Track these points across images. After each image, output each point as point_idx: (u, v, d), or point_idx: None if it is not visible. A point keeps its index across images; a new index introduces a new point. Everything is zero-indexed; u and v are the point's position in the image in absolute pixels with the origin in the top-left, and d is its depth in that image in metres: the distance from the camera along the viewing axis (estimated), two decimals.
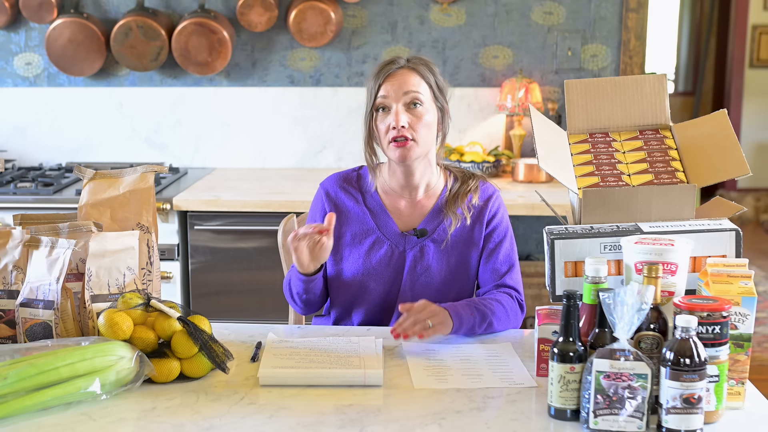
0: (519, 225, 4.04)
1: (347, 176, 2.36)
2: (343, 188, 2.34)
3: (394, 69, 2.23)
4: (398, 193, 2.32)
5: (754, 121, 7.55)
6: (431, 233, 2.29)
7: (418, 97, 2.21)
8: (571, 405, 1.67)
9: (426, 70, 2.25)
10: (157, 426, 1.67)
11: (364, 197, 2.33)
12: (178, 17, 3.99)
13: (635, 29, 3.91)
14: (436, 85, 2.26)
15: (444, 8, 3.95)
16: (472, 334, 2.13)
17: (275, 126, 4.07)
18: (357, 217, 2.31)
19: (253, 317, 3.46)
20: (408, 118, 2.20)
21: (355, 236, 2.31)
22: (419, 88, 2.22)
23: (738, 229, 1.85)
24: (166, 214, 3.44)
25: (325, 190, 2.35)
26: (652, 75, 2.17)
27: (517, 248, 2.35)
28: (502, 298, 2.21)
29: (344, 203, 2.33)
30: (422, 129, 2.21)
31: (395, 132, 2.20)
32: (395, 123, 2.19)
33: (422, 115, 2.22)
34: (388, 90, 2.21)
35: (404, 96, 2.21)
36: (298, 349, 1.98)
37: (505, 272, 2.28)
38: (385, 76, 2.22)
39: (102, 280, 1.94)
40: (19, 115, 4.09)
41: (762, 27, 7.46)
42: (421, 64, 2.25)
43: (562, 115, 3.90)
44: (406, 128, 2.20)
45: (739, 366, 1.71)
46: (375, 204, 2.32)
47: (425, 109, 2.22)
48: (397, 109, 2.20)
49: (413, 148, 2.21)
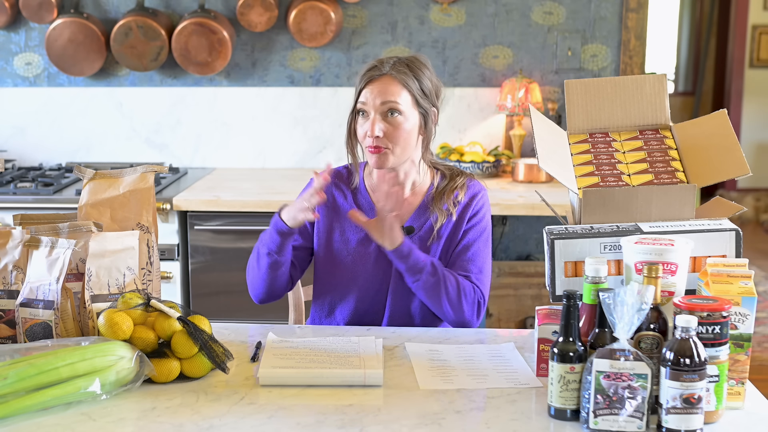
0: (519, 225, 4.05)
1: (338, 172, 2.39)
2: (334, 184, 2.36)
3: (376, 75, 2.24)
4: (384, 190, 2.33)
5: (754, 121, 7.55)
6: (418, 230, 2.30)
7: (395, 107, 2.22)
8: (571, 405, 1.67)
9: (409, 77, 2.24)
10: (157, 426, 1.67)
11: (354, 194, 2.35)
12: (178, 17, 3.99)
13: (635, 29, 3.91)
14: (419, 91, 2.25)
15: (444, 8, 3.95)
16: (414, 275, 2.18)
17: (275, 126, 4.07)
18: (346, 213, 2.31)
19: (253, 317, 3.46)
20: (384, 126, 2.22)
21: (344, 232, 2.32)
22: (398, 98, 2.22)
23: (738, 229, 1.85)
24: (166, 214, 3.45)
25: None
26: (652, 75, 2.17)
27: (491, 253, 2.35)
28: (464, 282, 2.23)
29: (334, 199, 2.35)
30: (399, 137, 2.23)
31: (370, 140, 2.23)
32: (370, 132, 2.22)
33: (400, 123, 2.23)
34: (367, 97, 2.24)
35: (381, 106, 2.22)
36: (298, 349, 1.98)
37: (473, 271, 2.27)
38: (366, 81, 2.24)
39: (102, 280, 1.94)
40: (19, 115, 4.09)
41: (762, 27, 7.46)
42: (405, 71, 2.24)
43: (562, 115, 3.90)
44: (381, 138, 2.22)
45: (739, 366, 1.71)
46: (364, 201, 2.34)
47: (404, 117, 2.23)
48: (374, 118, 2.23)
49: (388, 156, 2.24)
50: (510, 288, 3.77)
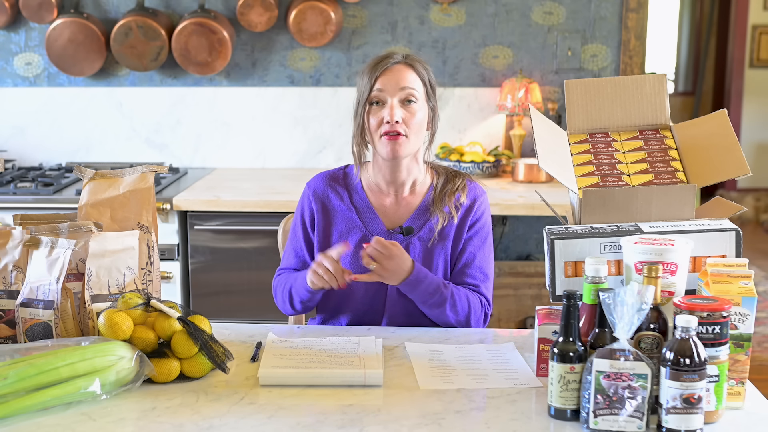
0: (519, 225, 4.05)
1: (334, 174, 2.37)
2: (330, 186, 2.35)
3: (391, 64, 2.24)
4: (384, 191, 2.33)
5: (754, 121, 7.55)
6: (417, 231, 2.29)
7: (413, 94, 2.23)
8: (571, 405, 1.67)
9: (422, 68, 2.27)
10: (157, 426, 1.67)
11: (351, 195, 2.33)
12: (178, 17, 3.99)
13: (635, 29, 3.91)
14: (429, 84, 2.28)
15: (444, 8, 3.95)
16: (425, 300, 2.20)
17: (275, 126, 4.07)
18: (343, 215, 2.31)
19: (253, 317, 3.46)
20: (402, 113, 2.21)
21: (342, 235, 2.31)
22: (415, 85, 2.24)
23: (738, 229, 1.85)
24: (166, 214, 3.45)
25: (312, 189, 2.35)
26: (652, 75, 2.17)
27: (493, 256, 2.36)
28: (473, 298, 2.25)
29: (331, 201, 2.33)
30: (415, 126, 2.23)
31: (388, 126, 2.21)
32: (390, 117, 2.20)
33: (416, 112, 2.23)
34: (385, 84, 2.22)
35: (400, 91, 2.22)
36: (298, 349, 1.98)
37: (480, 280, 2.30)
38: (382, 70, 2.23)
39: (102, 280, 1.94)
40: (19, 115, 4.09)
41: (762, 27, 7.46)
42: (417, 61, 2.27)
43: (562, 115, 3.90)
44: (400, 123, 2.21)
45: (739, 366, 1.71)
46: (361, 202, 2.32)
47: (419, 106, 2.24)
48: (392, 103, 2.21)
49: (404, 144, 2.22)
50: (510, 288, 3.77)
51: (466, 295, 2.24)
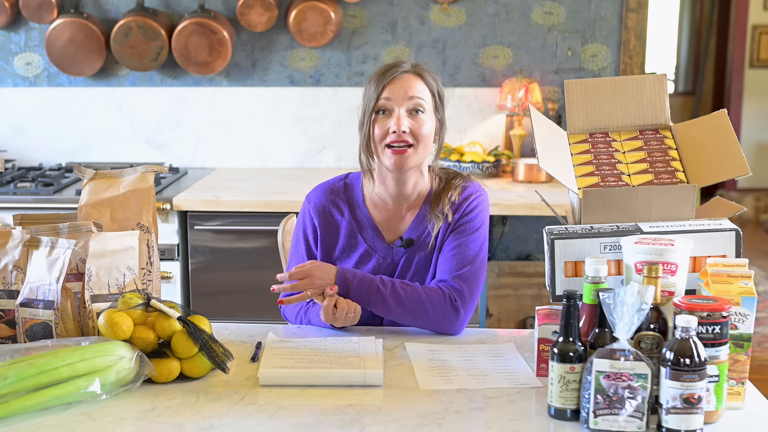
0: (519, 225, 4.05)
1: (333, 187, 2.31)
2: (330, 201, 2.28)
3: (399, 73, 2.19)
4: (386, 203, 2.27)
5: (754, 121, 7.55)
6: (417, 241, 2.24)
7: (421, 104, 2.17)
8: (571, 405, 1.67)
9: (430, 78, 2.22)
10: (157, 426, 1.67)
11: (352, 210, 2.27)
12: (178, 17, 3.99)
13: (635, 29, 3.91)
14: (438, 95, 2.23)
15: (444, 8, 3.95)
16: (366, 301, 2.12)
17: (275, 126, 4.07)
18: (345, 230, 2.27)
19: (253, 317, 3.46)
20: (409, 123, 2.16)
21: (344, 250, 2.27)
22: (423, 95, 2.19)
23: (738, 229, 1.85)
24: (166, 214, 3.45)
25: (313, 203, 2.29)
26: (652, 75, 2.17)
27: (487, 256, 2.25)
28: (432, 290, 2.14)
29: (332, 216, 2.28)
30: (422, 137, 2.17)
31: (394, 136, 2.16)
32: (396, 127, 2.15)
33: (423, 122, 2.18)
34: (392, 93, 2.17)
35: (408, 101, 2.17)
36: (298, 349, 1.98)
37: (457, 271, 2.17)
38: (390, 79, 2.18)
39: (102, 280, 1.94)
40: (19, 115, 4.09)
41: (762, 27, 7.46)
42: (426, 71, 2.22)
43: (562, 115, 3.90)
44: (407, 133, 2.16)
45: (739, 366, 1.71)
46: (362, 216, 2.27)
47: (426, 117, 2.19)
48: (399, 113, 2.16)
49: (411, 157, 2.17)
50: (510, 288, 3.77)
51: (417, 287, 2.14)
